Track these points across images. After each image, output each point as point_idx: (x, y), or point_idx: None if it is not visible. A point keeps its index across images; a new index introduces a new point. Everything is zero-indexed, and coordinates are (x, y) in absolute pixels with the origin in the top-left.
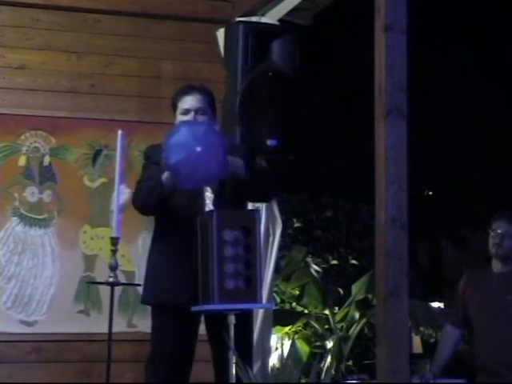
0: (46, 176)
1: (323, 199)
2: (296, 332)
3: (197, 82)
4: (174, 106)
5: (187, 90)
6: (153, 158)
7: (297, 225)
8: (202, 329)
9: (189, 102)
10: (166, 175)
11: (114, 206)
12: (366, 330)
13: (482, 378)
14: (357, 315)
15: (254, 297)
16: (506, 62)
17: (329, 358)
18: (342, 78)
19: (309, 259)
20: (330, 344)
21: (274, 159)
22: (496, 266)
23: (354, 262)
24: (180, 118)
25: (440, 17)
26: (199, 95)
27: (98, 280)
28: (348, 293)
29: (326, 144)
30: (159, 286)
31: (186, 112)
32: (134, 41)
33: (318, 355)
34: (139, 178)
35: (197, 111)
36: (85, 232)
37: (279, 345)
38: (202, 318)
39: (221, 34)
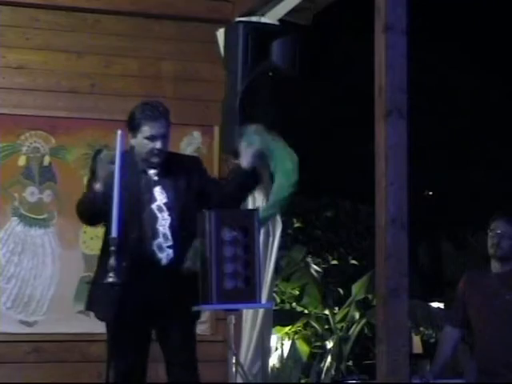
0: (45, 176)
1: (323, 199)
2: (296, 332)
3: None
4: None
5: (153, 115)
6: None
7: (297, 225)
8: (202, 329)
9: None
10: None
11: (114, 206)
12: (365, 330)
13: (482, 378)
14: (357, 315)
15: (253, 297)
16: (507, 62)
17: (329, 358)
18: (341, 78)
19: (309, 259)
20: (330, 344)
21: None
22: (495, 266)
23: (353, 262)
24: (145, 142)
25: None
26: (164, 121)
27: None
28: (348, 293)
29: (326, 144)
30: None
31: (153, 138)
32: (134, 41)
33: (318, 355)
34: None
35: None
36: (85, 232)
37: (279, 345)
38: (204, 319)
39: (221, 34)
